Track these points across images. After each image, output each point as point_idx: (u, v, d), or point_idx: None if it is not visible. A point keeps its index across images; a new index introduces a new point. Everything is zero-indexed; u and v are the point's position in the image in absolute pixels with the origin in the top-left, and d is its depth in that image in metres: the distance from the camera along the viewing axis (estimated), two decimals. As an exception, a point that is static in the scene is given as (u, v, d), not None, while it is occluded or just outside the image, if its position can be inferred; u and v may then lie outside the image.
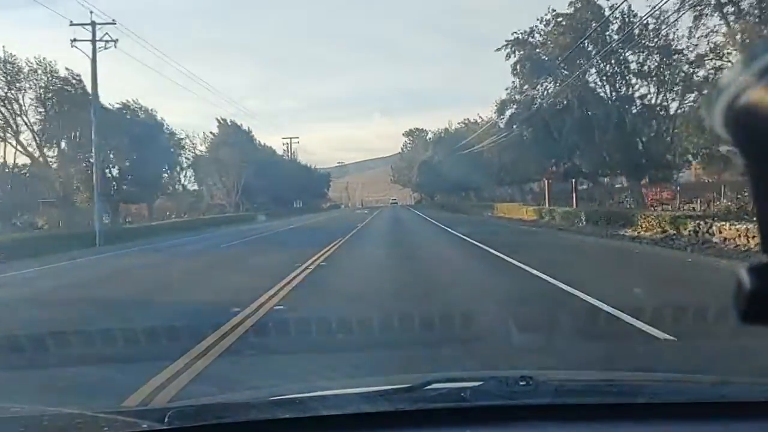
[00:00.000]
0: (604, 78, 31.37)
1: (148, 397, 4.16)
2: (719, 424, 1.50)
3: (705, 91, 24.84)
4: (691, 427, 1.52)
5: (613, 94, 31.22)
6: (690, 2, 23.81)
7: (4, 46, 31.07)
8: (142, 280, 12.28)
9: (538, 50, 33.12)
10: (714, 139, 19.62)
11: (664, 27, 27.32)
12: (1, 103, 30.67)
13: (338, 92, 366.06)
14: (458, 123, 74.70)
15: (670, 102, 30.47)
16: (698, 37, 25.68)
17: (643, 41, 28.89)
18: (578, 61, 29.80)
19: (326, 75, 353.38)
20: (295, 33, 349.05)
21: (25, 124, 31.45)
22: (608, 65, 30.85)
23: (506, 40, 33.43)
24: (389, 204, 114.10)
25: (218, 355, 5.27)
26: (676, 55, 28.54)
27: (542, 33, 32.61)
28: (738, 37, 22.73)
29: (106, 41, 25.41)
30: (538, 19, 32.44)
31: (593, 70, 31.16)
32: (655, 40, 28.56)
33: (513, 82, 34.65)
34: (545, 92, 33.87)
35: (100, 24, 25.36)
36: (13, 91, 30.76)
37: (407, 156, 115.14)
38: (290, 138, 79.28)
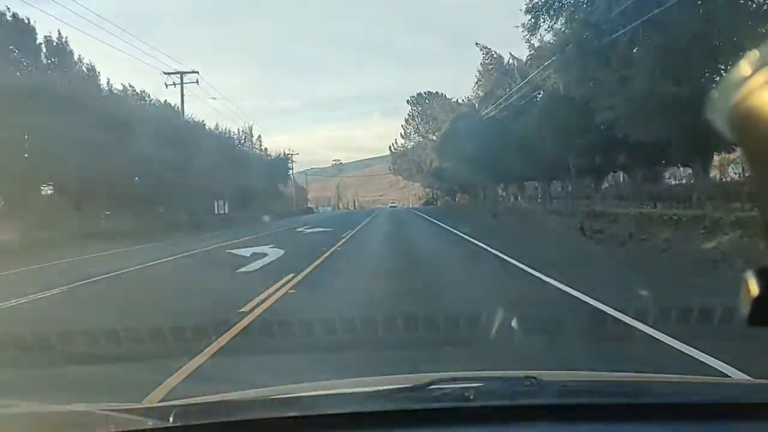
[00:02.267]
0: None
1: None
2: (723, 425, 1.50)
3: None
4: (695, 428, 1.52)
5: None
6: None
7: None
8: None
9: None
10: None
11: None
12: None
13: (338, 92, 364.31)
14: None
15: None
16: None
17: None
18: None
19: (326, 75, 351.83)
20: (294, 33, 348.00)
21: None
22: None
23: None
24: (388, 206, 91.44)
25: None
26: None
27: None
28: None
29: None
30: None
31: None
32: None
33: None
34: None
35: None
36: None
37: (414, 135, 77.12)
38: (181, 73, 38.67)
